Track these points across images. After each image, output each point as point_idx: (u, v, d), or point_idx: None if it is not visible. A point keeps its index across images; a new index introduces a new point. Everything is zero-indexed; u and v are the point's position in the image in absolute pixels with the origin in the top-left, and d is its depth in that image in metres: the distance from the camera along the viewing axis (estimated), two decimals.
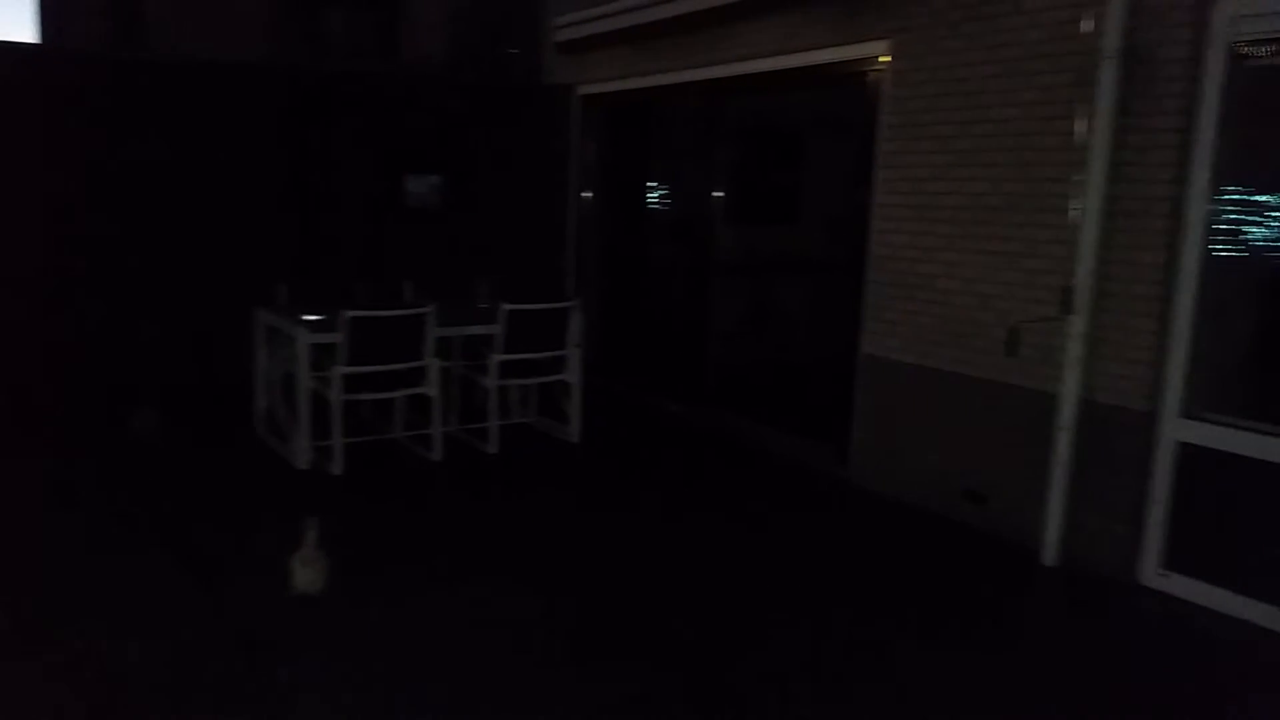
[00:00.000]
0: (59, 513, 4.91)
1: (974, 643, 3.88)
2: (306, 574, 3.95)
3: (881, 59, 5.49)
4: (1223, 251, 4.24)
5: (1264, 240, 4.25)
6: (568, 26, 8.01)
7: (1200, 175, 4.16)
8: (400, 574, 4.29)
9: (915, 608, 4.18)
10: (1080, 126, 4.46)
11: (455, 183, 7.93)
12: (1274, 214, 4.23)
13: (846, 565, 4.69)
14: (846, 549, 4.91)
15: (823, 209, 6.53)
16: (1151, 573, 4.41)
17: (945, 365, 5.22)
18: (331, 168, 7.45)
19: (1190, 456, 4.27)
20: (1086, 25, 4.40)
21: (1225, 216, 4.22)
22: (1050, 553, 4.63)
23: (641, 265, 8.30)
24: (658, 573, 4.43)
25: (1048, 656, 3.84)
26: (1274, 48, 3.97)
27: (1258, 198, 4.22)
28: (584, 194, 8.58)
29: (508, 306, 6.11)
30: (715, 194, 7.16)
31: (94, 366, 6.68)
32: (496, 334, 6.13)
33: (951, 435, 5.20)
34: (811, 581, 4.45)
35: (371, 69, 8.86)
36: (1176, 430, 4.30)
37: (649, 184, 8.19)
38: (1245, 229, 4.26)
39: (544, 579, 4.29)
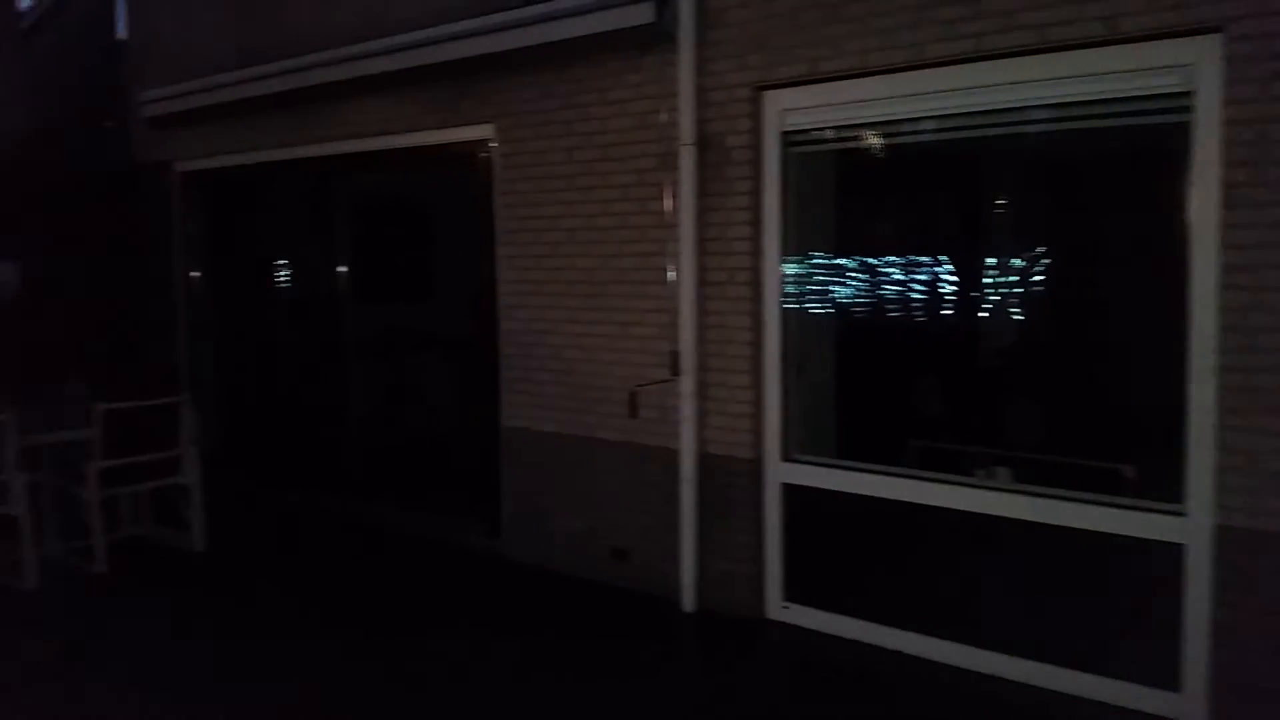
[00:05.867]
0: None
1: (611, 691, 4.06)
2: None
3: (490, 142, 5.65)
4: (812, 310, 4.82)
5: (845, 298, 4.91)
6: (157, 101, 7.39)
7: (770, 246, 4.70)
8: None
9: (562, 664, 4.33)
10: (669, 206, 4.87)
11: (39, 268, 7.02)
12: (851, 275, 4.90)
13: (498, 633, 4.72)
14: (498, 618, 4.93)
15: (454, 285, 6.56)
16: (776, 607, 4.85)
17: (580, 431, 5.42)
18: None
19: (793, 496, 4.77)
20: (664, 116, 4.83)
21: (812, 279, 4.81)
22: (688, 599, 4.94)
23: (268, 349, 7.81)
24: (299, 688, 4.14)
25: (676, 696, 4.09)
26: (817, 135, 4.60)
27: (837, 261, 4.86)
28: (193, 275, 7.95)
29: (104, 406, 5.50)
30: (340, 271, 6.94)
31: None
32: (93, 438, 5.49)
33: (593, 498, 5.40)
34: (465, 651, 4.48)
35: None
36: (779, 473, 4.79)
37: (269, 263, 7.75)
38: (829, 289, 4.89)
39: None
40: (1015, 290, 4.47)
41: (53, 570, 5.50)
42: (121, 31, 8.67)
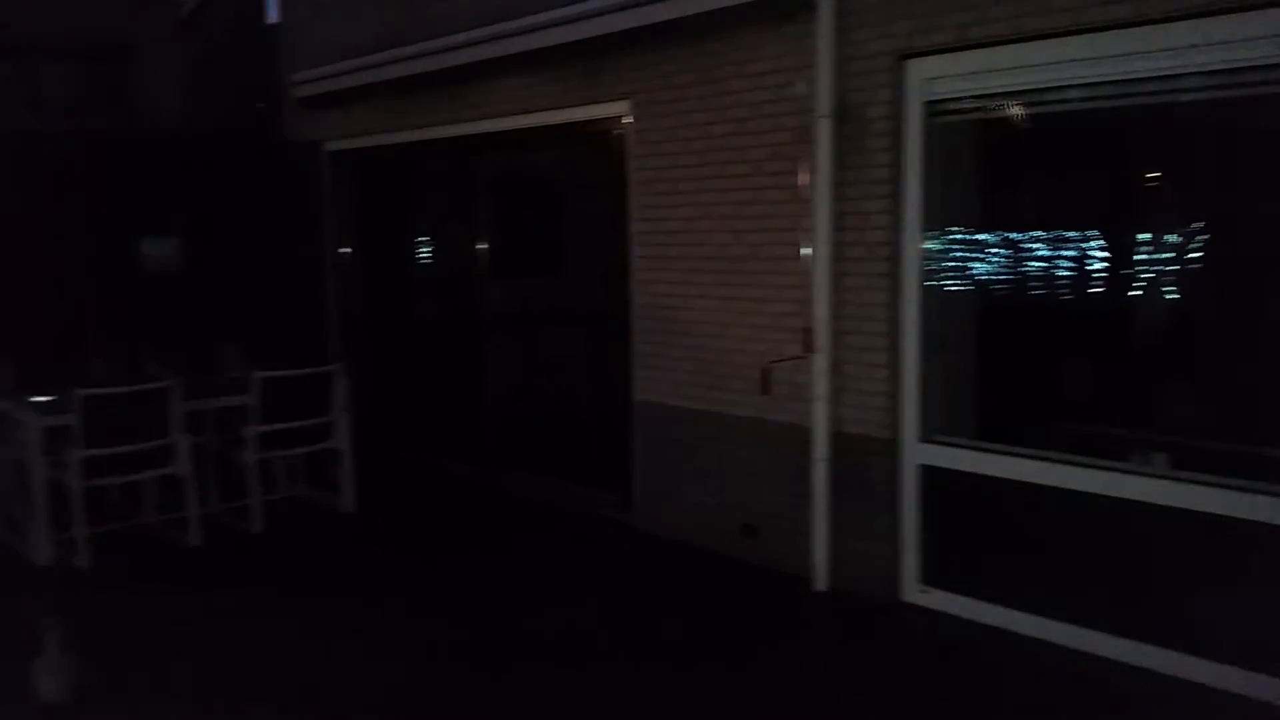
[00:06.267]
0: None
1: (746, 667, 4.09)
2: (50, 683, 3.61)
3: (624, 119, 5.68)
4: (951, 287, 4.68)
5: (986, 275, 4.75)
6: (306, 83, 7.74)
7: (911, 220, 4.57)
8: (152, 682, 3.99)
9: (695, 639, 4.38)
10: (804, 180, 4.79)
11: (198, 244, 7.50)
12: (993, 250, 4.74)
13: (632, 605, 4.83)
14: (632, 590, 5.04)
15: (588, 261, 6.66)
16: (913, 590, 4.75)
17: (712, 406, 5.43)
18: (57, 235, 6.85)
19: (932, 477, 4.65)
20: (800, 89, 4.75)
21: (952, 254, 4.67)
22: (821, 578, 4.91)
23: (411, 321, 8.13)
24: (444, 643, 4.33)
25: (815, 675, 4.10)
26: (961, 104, 4.44)
27: (979, 236, 4.70)
28: (342, 251, 8.31)
29: (261, 374, 5.86)
30: (480, 248, 7.13)
31: None
32: (251, 404, 5.86)
33: (724, 473, 5.41)
34: (600, 621, 4.59)
35: (98, 127, 8.25)
36: (917, 454, 4.67)
37: (412, 239, 8.04)
38: (970, 265, 4.74)
39: (314, 686, 4.07)
40: (1171, 267, 4.21)
41: (213, 528, 5.90)
42: (273, 16, 9.09)
